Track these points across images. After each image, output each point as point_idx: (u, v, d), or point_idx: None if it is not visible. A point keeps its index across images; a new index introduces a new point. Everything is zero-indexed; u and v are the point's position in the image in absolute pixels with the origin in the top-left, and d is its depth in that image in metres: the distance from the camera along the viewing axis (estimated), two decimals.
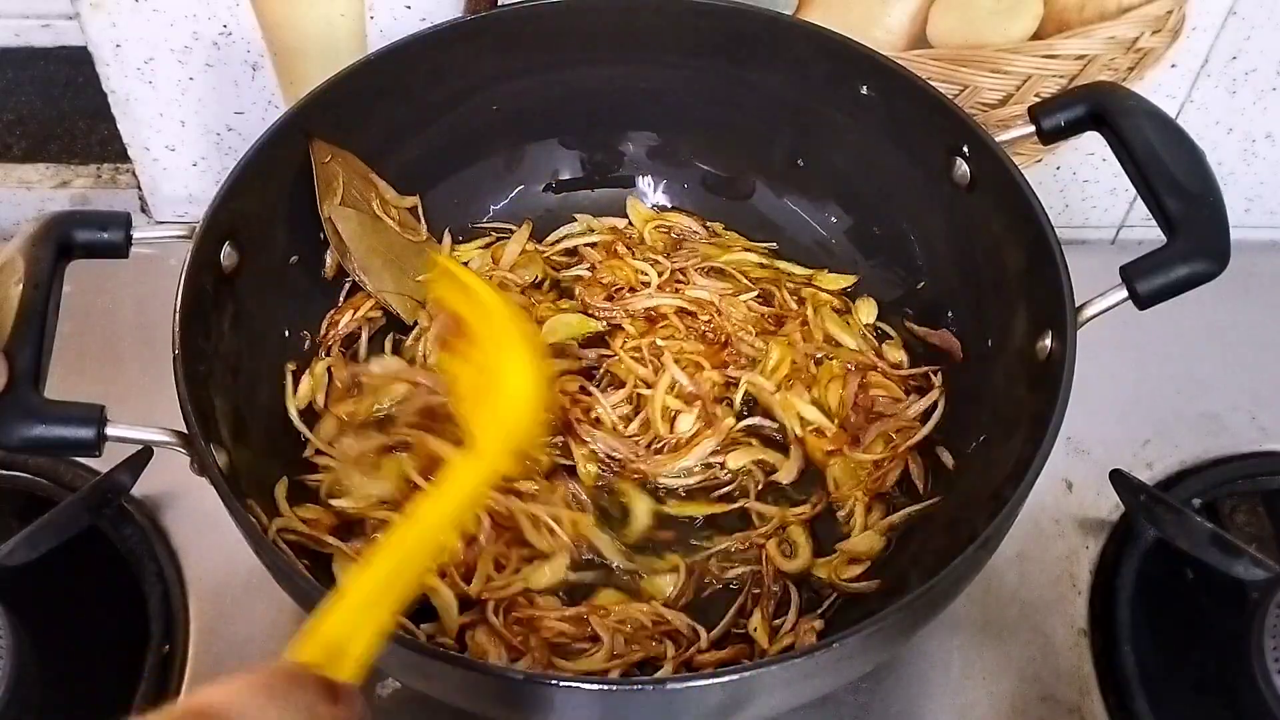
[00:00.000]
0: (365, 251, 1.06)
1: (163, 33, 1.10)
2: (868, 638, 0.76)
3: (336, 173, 1.04)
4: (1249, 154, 1.24)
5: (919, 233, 1.08)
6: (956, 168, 1.00)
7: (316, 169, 1.02)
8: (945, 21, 1.11)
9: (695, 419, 1.04)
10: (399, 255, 1.09)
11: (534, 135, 1.15)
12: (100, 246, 0.87)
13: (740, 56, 1.07)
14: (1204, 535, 0.99)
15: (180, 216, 1.27)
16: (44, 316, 0.81)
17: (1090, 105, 0.94)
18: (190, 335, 0.86)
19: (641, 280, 1.12)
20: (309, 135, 1.01)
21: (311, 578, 0.81)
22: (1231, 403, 1.18)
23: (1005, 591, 1.05)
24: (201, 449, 0.81)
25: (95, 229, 0.87)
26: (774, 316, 1.11)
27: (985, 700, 1.00)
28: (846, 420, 1.04)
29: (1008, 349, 0.97)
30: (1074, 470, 1.12)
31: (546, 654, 0.92)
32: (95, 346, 1.17)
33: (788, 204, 1.16)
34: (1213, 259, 0.86)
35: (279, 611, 1.01)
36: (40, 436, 0.77)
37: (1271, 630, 0.92)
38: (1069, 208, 1.28)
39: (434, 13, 1.10)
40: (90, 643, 1.03)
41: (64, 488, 1.07)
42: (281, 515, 0.94)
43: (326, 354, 1.06)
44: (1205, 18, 1.11)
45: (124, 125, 1.19)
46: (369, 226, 1.07)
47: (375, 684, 0.98)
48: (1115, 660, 1.01)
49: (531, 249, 1.15)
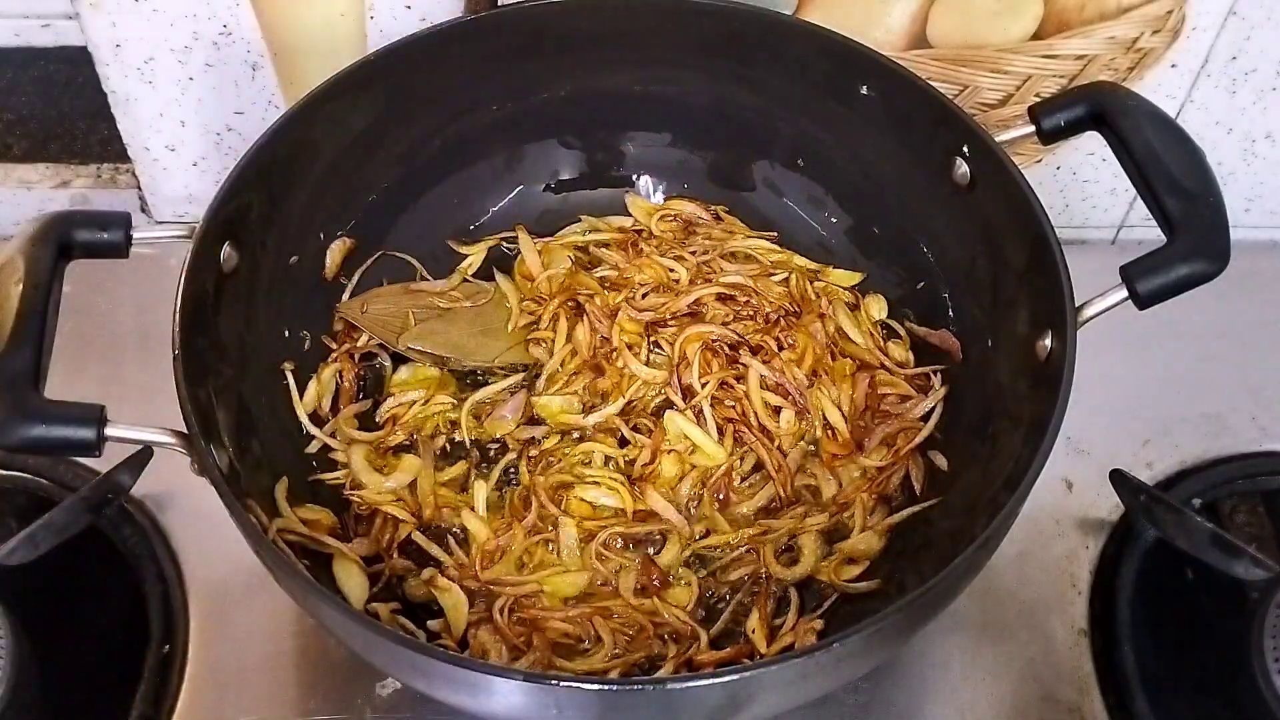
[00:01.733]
0: (455, 345, 1.09)
1: (163, 33, 1.10)
2: (868, 638, 0.76)
3: (380, 312, 1.08)
4: (1249, 154, 1.24)
5: (919, 233, 1.08)
6: (956, 168, 1.00)
7: (364, 325, 1.07)
8: (945, 21, 1.11)
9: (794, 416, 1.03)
10: (486, 322, 1.11)
11: (534, 135, 1.15)
12: (100, 246, 0.87)
13: (740, 56, 1.07)
14: (1204, 535, 0.99)
15: (180, 216, 1.27)
16: (44, 316, 0.81)
17: (1090, 105, 0.94)
18: (190, 335, 0.86)
19: (672, 278, 1.11)
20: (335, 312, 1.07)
21: (311, 578, 0.81)
22: (1231, 403, 1.18)
23: (1005, 591, 1.05)
24: (201, 449, 0.81)
25: (95, 229, 0.87)
26: (796, 301, 1.10)
27: (985, 700, 1.00)
28: (855, 422, 1.04)
29: (1008, 349, 0.97)
30: (1074, 470, 1.12)
31: (548, 654, 0.92)
32: (95, 346, 1.17)
33: (788, 204, 1.16)
34: (1213, 259, 0.86)
35: (279, 611, 1.01)
36: (40, 436, 0.77)
37: (1271, 630, 0.92)
38: (1069, 208, 1.28)
39: (434, 13, 1.10)
40: (90, 643, 1.03)
41: (64, 488, 1.07)
42: (281, 515, 0.94)
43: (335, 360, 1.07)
44: (1205, 18, 1.11)
45: (124, 125, 1.19)
46: (444, 324, 1.09)
47: (375, 684, 0.98)
48: (1115, 660, 1.01)
49: (554, 245, 1.15)
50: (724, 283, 1.09)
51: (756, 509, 1.01)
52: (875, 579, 0.96)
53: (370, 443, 1.03)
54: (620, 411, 1.04)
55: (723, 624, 0.95)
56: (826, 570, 0.97)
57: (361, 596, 0.94)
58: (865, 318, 1.10)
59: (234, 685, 0.99)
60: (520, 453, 1.04)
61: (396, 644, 0.75)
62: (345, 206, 1.08)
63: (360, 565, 0.95)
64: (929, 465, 1.02)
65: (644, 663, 0.93)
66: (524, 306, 1.11)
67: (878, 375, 1.06)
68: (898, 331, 1.10)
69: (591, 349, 1.06)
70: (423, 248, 1.14)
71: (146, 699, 0.97)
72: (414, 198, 1.13)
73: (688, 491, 1.01)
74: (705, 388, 1.03)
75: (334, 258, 1.08)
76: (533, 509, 0.99)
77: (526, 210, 1.17)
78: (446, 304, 1.11)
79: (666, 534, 0.99)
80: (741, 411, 1.03)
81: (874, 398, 1.05)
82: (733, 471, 1.01)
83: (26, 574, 0.97)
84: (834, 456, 1.03)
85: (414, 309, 1.10)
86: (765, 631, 0.93)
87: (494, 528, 0.99)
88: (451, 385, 1.09)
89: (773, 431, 1.03)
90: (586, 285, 1.10)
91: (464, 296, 1.12)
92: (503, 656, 0.91)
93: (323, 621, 0.85)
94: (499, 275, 1.14)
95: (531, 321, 1.10)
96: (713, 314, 1.08)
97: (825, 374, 1.06)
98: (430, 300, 1.11)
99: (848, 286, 1.13)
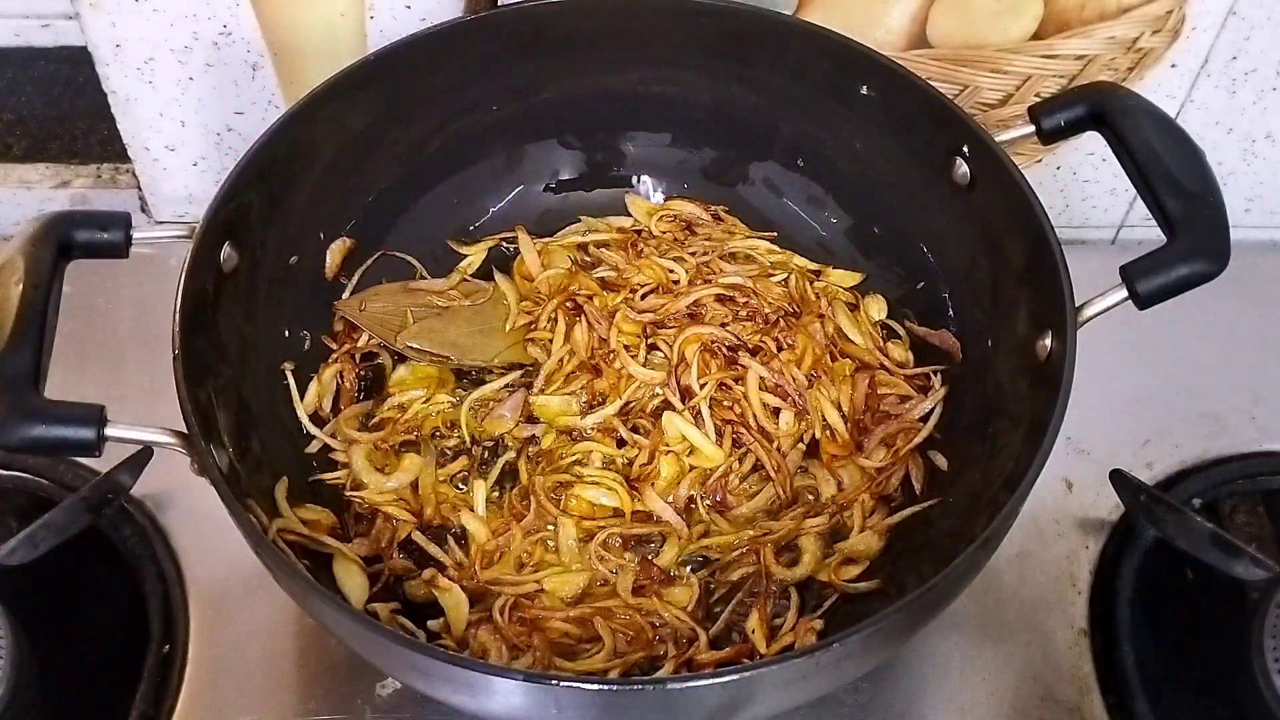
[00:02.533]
0: (453, 344, 1.09)
1: (163, 33, 1.10)
2: (868, 638, 0.76)
3: (379, 310, 1.08)
4: (1249, 154, 1.24)
5: (919, 233, 1.08)
6: (956, 168, 1.00)
7: (362, 324, 1.07)
8: (945, 21, 1.11)
9: (793, 417, 1.03)
10: (484, 321, 1.11)
11: (534, 135, 1.15)
12: (100, 246, 0.87)
13: (740, 56, 1.07)
14: (1204, 535, 0.99)
15: (180, 216, 1.27)
16: (44, 316, 0.81)
17: (1090, 105, 0.94)
18: (190, 335, 0.86)
19: (671, 279, 1.11)
20: (334, 309, 1.07)
21: (311, 578, 0.81)
22: (1231, 403, 1.18)
23: (1005, 591, 1.05)
24: (201, 449, 0.81)
25: (95, 229, 0.87)
26: (796, 302, 1.10)
27: (985, 700, 1.00)
28: (855, 422, 1.04)
29: (1008, 349, 0.97)
30: (1074, 470, 1.12)
31: (549, 654, 0.92)
32: (95, 346, 1.17)
33: (787, 204, 1.16)
34: (1213, 259, 0.86)
35: (279, 611, 1.01)
36: (40, 436, 0.77)
37: (1271, 630, 0.92)
38: (1069, 208, 1.28)
39: (434, 13, 1.10)
40: (90, 643, 1.03)
41: (64, 488, 1.07)
42: (281, 516, 0.94)
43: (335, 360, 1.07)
44: (1205, 18, 1.11)
45: (124, 125, 1.19)
46: (443, 322, 1.10)
47: (375, 684, 0.98)
48: (1115, 660, 1.01)
49: (554, 245, 1.15)
50: (723, 283, 1.09)
51: (757, 510, 1.01)
52: (875, 579, 0.96)
53: (371, 443, 1.03)
54: (619, 412, 1.04)
55: (723, 624, 0.95)
56: (826, 570, 0.97)
57: (361, 596, 0.94)
58: (865, 318, 1.10)
59: (234, 685, 0.99)
60: (519, 451, 1.04)
61: (396, 644, 0.75)
62: (345, 206, 1.08)
63: (360, 565, 0.95)
64: (929, 465, 1.02)
65: (644, 663, 0.93)
66: (522, 306, 1.11)
67: (877, 376, 1.06)
68: (897, 332, 1.10)
69: (589, 349, 1.06)
70: (423, 248, 1.14)
71: (146, 699, 0.97)
72: (414, 198, 1.13)
73: (686, 492, 1.01)
74: (704, 389, 1.03)
75: (334, 258, 1.08)
76: (531, 509, 0.99)
77: (526, 210, 1.17)
78: (445, 303, 1.11)
79: (665, 535, 0.99)
80: (740, 413, 1.03)
81: (874, 398, 1.05)
82: (731, 473, 1.01)
83: (26, 574, 0.97)
84: (833, 457, 1.03)
85: (412, 307, 1.10)
86: (765, 631, 0.93)
87: (493, 527, 0.99)
88: (451, 383, 1.09)
89: (772, 432, 1.03)
90: (585, 286, 1.10)
91: (463, 295, 1.12)
92: (503, 656, 0.91)
93: (323, 621, 0.85)
94: (498, 275, 1.14)
95: (530, 321, 1.11)
96: (712, 314, 1.08)
97: (825, 374, 1.06)
98: (429, 299, 1.11)
99: (848, 287, 1.13)
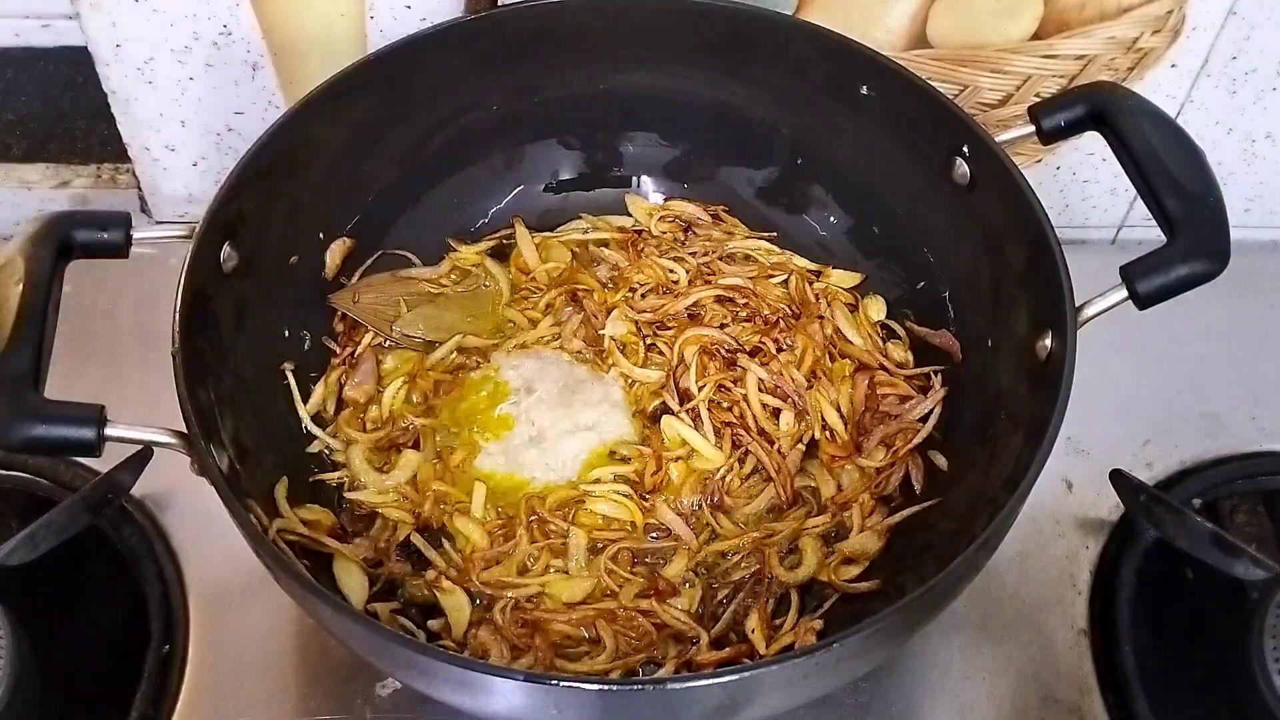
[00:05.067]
0: (448, 328, 1.09)
1: (163, 33, 1.10)
2: (868, 638, 0.76)
3: (371, 301, 1.08)
4: (1249, 154, 1.24)
5: (919, 233, 1.08)
6: (956, 168, 1.00)
7: (356, 314, 1.07)
8: (945, 21, 1.11)
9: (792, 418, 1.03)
10: (478, 305, 1.11)
11: (534, 135, 1.15)
12: (100, 246, 0.87)
13: (741, 56, 1.07)
14: (1204, 535, 0.99)
15: (180, 216, 1.27)
16: (44, 316, 0.81)
17: (1090, 105, 0.94)
18: (190, 335, 0.86)
19: (671, 279, 1.11)
20: (326, 301, 1.07)
21: (311, 578, 0.81)
22: (1231, 403, 1.18)
23: (1005, 591, 1.05)
24: (201, 449, 0.81)
25: (95, 229, 0.87)
26: (795, 303, 1.10)
27: (985, 700, 1.00)
28: (855, 423, 1.04)
29: (1008, 349, 0.97)
30: (1074, 470, 1.12)
31: (550, 654, 0.92)
32: (95, 346, 1.17)
33: (787, 204, 1.16)
34: (1213, 259, 0.86)
35: (279, 611, 1.01)
36: (40, 436, 0.77)
37: (1271, 630, 0.92)
38: (1069, 208, 1.28)
39: (434, 13, 1.10)
40: (90, 643, 1.03)
41: (64, 488, 1.07)
42: (281, 516, 0.94)
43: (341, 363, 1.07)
44: (1205, 18, 1.11)
45: (124, 125, 1.19)
46: (436, 309, 1.10)
47: (375, 684, 0.98)
48: (1115, 660, 1.01)
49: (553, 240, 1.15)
50: (723, 285, 1.09)
51: (758, 511, 1.01)
52: (875, 579, 0.96)
53: (371, 443, 1.03)
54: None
55: (723, 624, 0.95)
56: (826, 570, 0.97)
57: (361, 597, 0.94)
58: (864, 319, 1.10)
59: (234, 685, 0.99)
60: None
61: (396, 644, 0.76)
62: (345, 206, 1.08)
63: (360, 565, 0.95)
64: (929, 466, 1.02)
65: (644, 663, 0.93)
66: (517, 296, 1.11)
67: (877, 376, 1.06)
68: (897, 332, 1.10)
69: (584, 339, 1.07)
70: (423, 248, 1.14)
71: (146, 699, 0.97)
72: (414, 198, 1.13)
73: (689, 498, 1.00)
74: (703, 391, 1.03)
75: (334, 258, 1.08)
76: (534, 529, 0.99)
77: (526, 210, 1.17)
78: (436, 290, 1.11)
79: (675, 546, 0.99)
80: (740, 414, 1.03)
81: (873, 399, 1.05)
82: (730, 474, 1.01)
83: (26, 574, 0.97)
84: (833, 458, 1.03)
85: (405, 296, 1.10)
86: (765, 632, 0.93)
87: (490, 528, 0.98)
88: None
89: (771, 434, 1.03)
90: (585, 282, 1.10)
91: (454, 281, 1.12)
92: (503, 656, 0.91)
93: (323, 621, 0.85)
94: (488, 259, 1.14)
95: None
96: (711, 315, 1.08)
97: (824, 375, 1.06)
98: (420, 286, 1.11)
99: (847, 287, 1.13)
